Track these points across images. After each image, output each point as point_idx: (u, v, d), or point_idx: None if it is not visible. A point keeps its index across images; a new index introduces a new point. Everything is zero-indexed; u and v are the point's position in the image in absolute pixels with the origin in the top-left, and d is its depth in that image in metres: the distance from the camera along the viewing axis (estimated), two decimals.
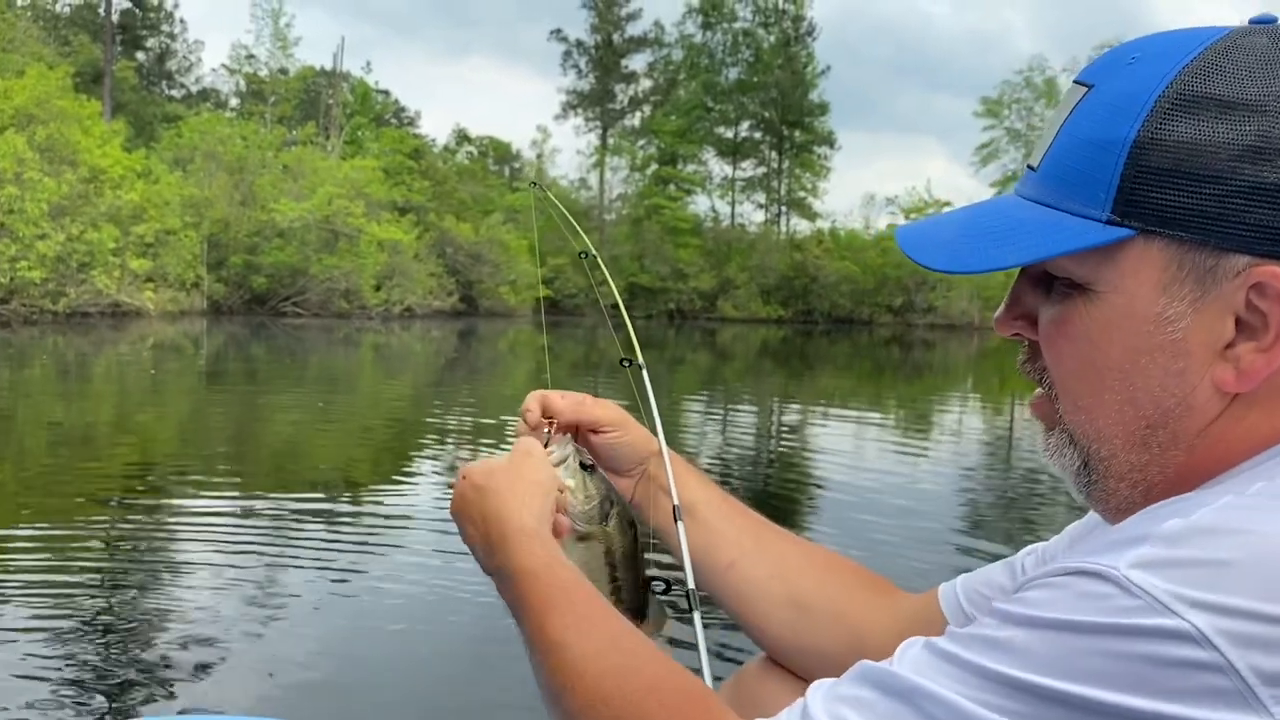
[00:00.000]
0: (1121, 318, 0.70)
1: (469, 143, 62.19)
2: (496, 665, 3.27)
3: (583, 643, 0.82)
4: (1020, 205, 0.74)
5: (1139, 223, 0.67)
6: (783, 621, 1.13)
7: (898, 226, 0.84)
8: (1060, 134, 0.72)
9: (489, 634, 3.55)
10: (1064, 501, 6.92)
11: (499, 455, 1.06)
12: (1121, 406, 0.71)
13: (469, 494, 1.00)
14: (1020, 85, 57.99)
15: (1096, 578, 0.59)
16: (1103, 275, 0.69)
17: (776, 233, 59.18)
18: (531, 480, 1.01)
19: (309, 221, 35.35)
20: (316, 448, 8.07)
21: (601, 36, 59.67)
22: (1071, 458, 0.76)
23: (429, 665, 3.34)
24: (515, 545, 0.92)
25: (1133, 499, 0.74)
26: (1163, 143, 0.66)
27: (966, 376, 21.71)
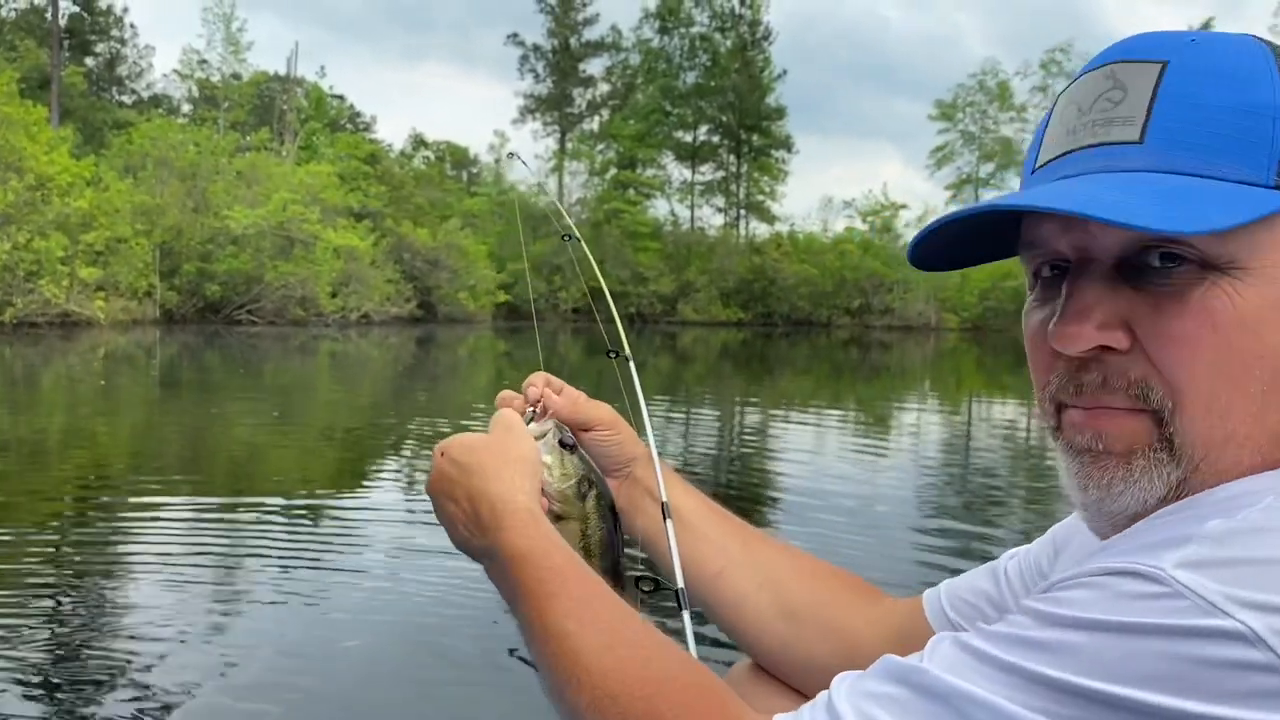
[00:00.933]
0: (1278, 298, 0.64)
1: (426, 147, 61.91)
2: (455, 667, 3.25)
3: (585, 633, 0.78)
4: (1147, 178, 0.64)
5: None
6: (774, 632, 1.11)
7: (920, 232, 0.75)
8: (1161, 105, 0.66)
9: (445, 637, 3.51)
10: (1019, 498, 6.98)
11: (475, 431, 1.01)
12: (1265, 397, 0.64)
13: (450, 471, 0.96)
14: (974, 89, 58.91)
15: (1141, 578, 0.57)
16: (1258, 249, 0.63)
17: (736, 236, 59.49)
18: (518, 456, 0.97)
19: (263, 228, 34.94)
20: (271, 457, 7.95)
21: (559, 41, 59.66)
22: (1167, 478, 0.67)
23: (387, 670, 3.29)
24: (508, 526, 0.88)
25: None
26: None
27: (924, 377, 21.92)
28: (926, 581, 3.67)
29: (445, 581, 4.30)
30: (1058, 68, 57.02)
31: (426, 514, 5.64)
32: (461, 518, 0.93)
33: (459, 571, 4.48)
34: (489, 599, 4.15)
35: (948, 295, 52.71)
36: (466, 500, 0.92)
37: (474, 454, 0.95)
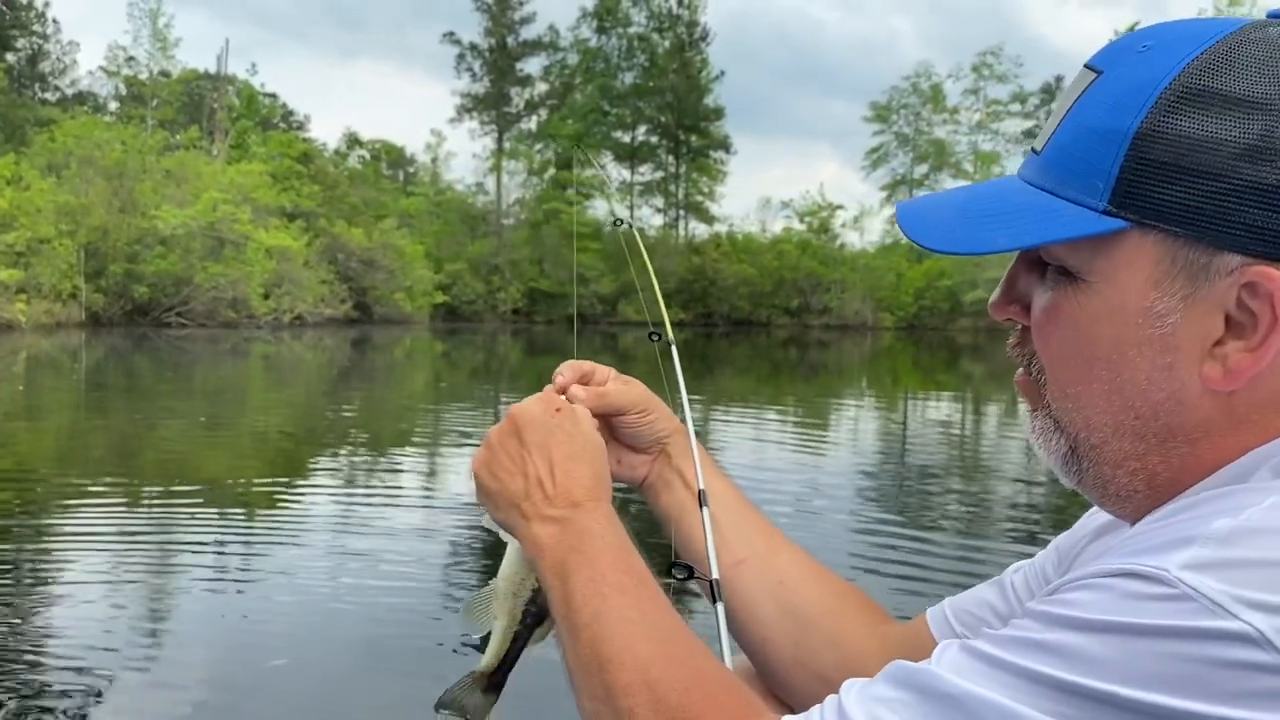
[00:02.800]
0: (1111, 309, 0.69)
1: (361, 146, 61.00)
2: (387, 674, 3.16)
3: (644, 624, 0.81)
4: (1021, 189, 0.73)
5: (1135, 215, 0.66)
6: (784, 632, 1.09)
7: (900, 202, 0.80)
8: (1066, 120, 0.71)
9: (379, 642, 3.41)
10: (956, 491, 7.05)
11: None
12: (1109, 396, 0.71)
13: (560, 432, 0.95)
14: (908, 91, 59.75)
15: (1146, 579, 0.57)
16: (1096, 265, 0.69)
17: (675, 236, 59.61)
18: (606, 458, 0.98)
19: (193, 228, 34.17)
20: (198, 463, 7.72)
21: (495, 40, 59.21)
22: (1058, 442, 0.76)
23: (320, 674, 3.18)
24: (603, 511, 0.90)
25: (1134, 487, 0.73)
26: (1164, 136, 0.65)
27: (861, 376, 22.16)
28: (868, 570, 3.62)
29: (377, 584, 4.19)
30: (988, 70, 58.17)
31: (356, 517, 5.53)
32: (545, 477, 0.92)
33: (391, 574, 4.37)
34: (419, 600, 4.05)
35: (884, 295, 53.42)
36: (563, 471, 0.92)
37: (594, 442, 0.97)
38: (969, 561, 5.07)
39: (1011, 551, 5.27)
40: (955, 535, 5.69)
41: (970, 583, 3.62)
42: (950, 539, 5.57)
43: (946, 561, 5.05)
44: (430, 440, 9.58)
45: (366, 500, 6.39)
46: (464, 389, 15.84)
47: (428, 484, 7.17)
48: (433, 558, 4.86)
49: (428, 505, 6.32)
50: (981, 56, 58.67)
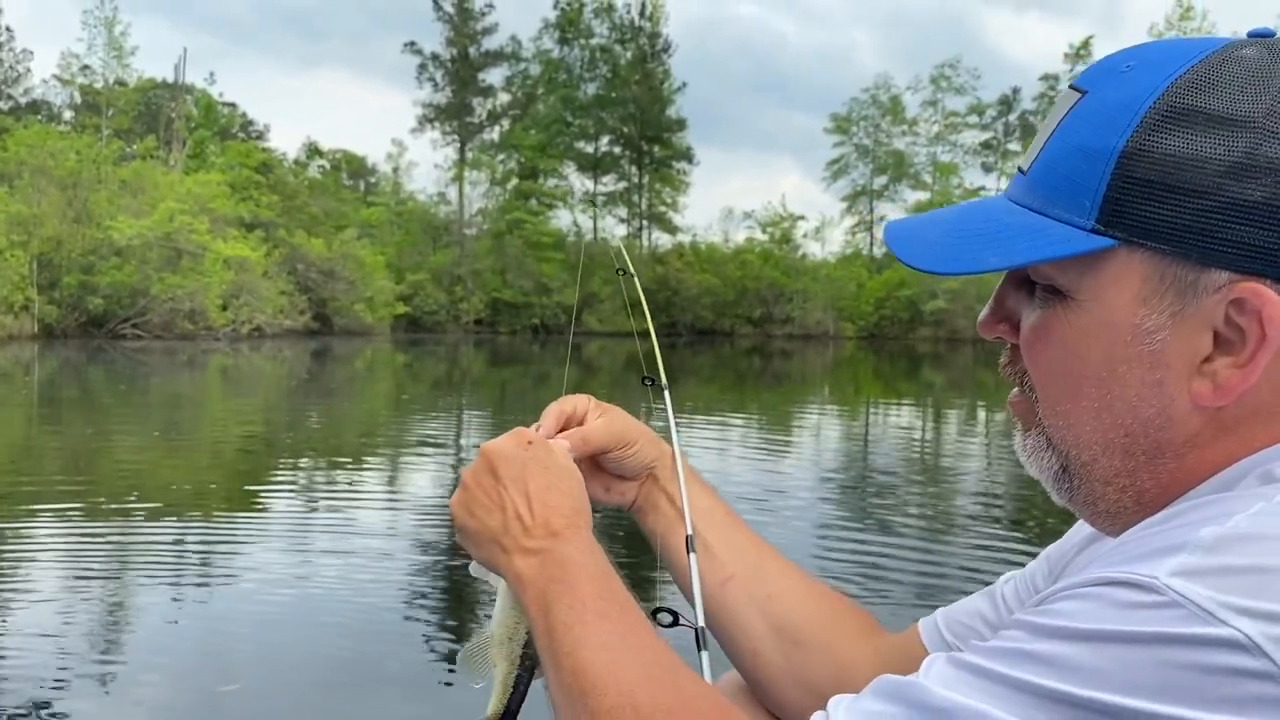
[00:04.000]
0: (1100, 326, 0.69)
1: (321, 156, 60.49)
2: (347, 694, 3.12)
3: (626, 651, 0.81)
4: (1008, 209, 0.74)
5: (1122, 233, 0.67)
6: (776, 647, 1.09)
7: (888, 223, 0.80)
8: (1052, 139, 0.72)
9: (339, 660, 3.37)
10: (919, 497, 7.11)
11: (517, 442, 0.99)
12: (1099, 414, 0.71)
13: (534, 465, 0.95)
14: (867, 103, 60.38)
15: (1135, 587, 0.58)
16: (1084, 283, 0.69)
17: (639, 246, 59.68)
18: (589, 508, 0.98)
19: (149, 239, 33.70)
20: (156, 477, 7.59)
21: (457, 50, 59.03)
22: (1050, 460, 0.76)
23: (277, 697, 3.13)
24: (574, 539, 0.89)
25: (1123, 504, 0.73)
26: (1150, 155, 0.66)
27: (824, 385, 22.29)
28: (833, 576, 3.64)
29: (337, 600, 4.14)
30: (946, 82, 58.98)
31: (316, 532, 5.46)
32: (523, 511, 0.92)
33: (351, 591, 4.32)
34: (381, 618, 4.01)
35: (845, 305, 53.86)
36: (540, 503, 0.92)
37: (565, 471, 0.97)
38: (933, 564, 5.11)
39: (975, 555, 5.32)
40: (919, 540, 5.73)
41: (933, 586, 3.68)
42: (914, 544, 5.61)
43: (910, 564, 5.08)
44: (392, 453, 9.50)
45: (327, 515, 6.32)
46: (426, 400, 15.73)
47: (390, 498, 7.11)
48: (395, 573, 4.81)
49: (390, 520, 6.26)
50: (940, 69, 59.53)
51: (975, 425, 13.67)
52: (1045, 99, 56.51)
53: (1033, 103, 57.55)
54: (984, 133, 59.38)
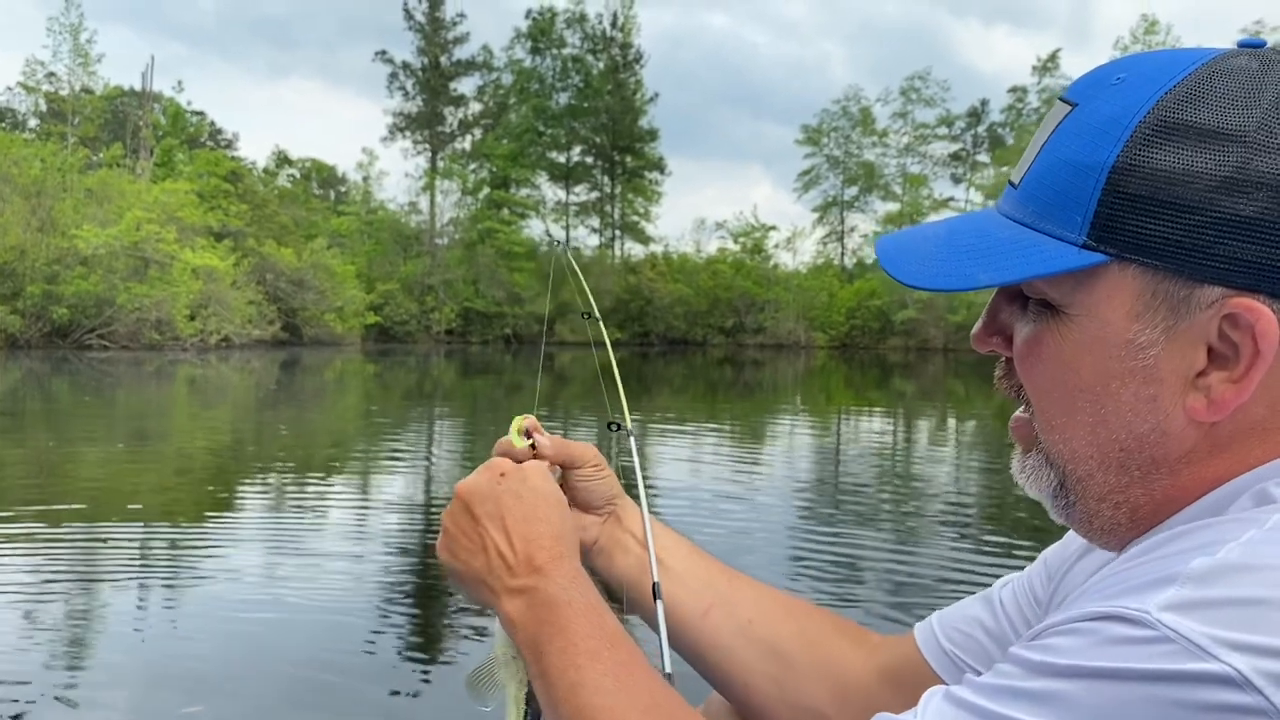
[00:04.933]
0: (1093, 342, 0.69)
1: (290, 165, 60.16)
2: (320, 700, 3.06)
3: (622, 692, 0.81)
4: (999, 223, 0.73)
5: (1114, 249, 0.66)
6: (765, 673, 1.07)
7: (879, 236, 0.80)
8: (1042, 153, 0.71)
9: (306, 677, 3.32)
10: (889, 500, 7.13)
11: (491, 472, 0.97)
12: (1094, 428, 0.70)
13: (508, 498, 0.94)
14: (838, 114, 60.84)
15: (1127, 622, 0.57)
16: (1076, 299, 0.69)
17: (611, 256, 59.73)
18: (573, 528, 0.97)
19: (115, 248, 33.29)
20: (121, 489, 7.47)
21: (429, 59, 58.90)
22: (1049, 478, 0.75)
23: (252, 704, 3.08)
24: (559, 572, 0.88)
25: (1117, 520, 0.73)
26: (1141, 170, 0.65)
27: (795, 394, 22.36)
28: (804, 577, 3.62)
29: (306, 616, 4.08)
30: (916, 94, 59.53)
31: (285, 546, 5.39)
32: (505, 548, 0.91)
33: (320, 606, 4.27)
34: (350, 634, 3.95)
35: (816, 314, 54.14)
36: (521, 538, 0.91)
37: (541, 498, 0.95)
38: (905, 566, 5.12)
39: (946, 557, 5.34)
40: (891, 544, 5.74)
41: (907, 587, 3.66)
42: (886, 547, 5.62)
43: (881, 567, 5.09)
44: (361, 465, 9.42)
45: (296, 528, 6.24)
46: (396, 412, 15.62)
47: (359, 511, 7.04)
48: (365, 587, 4.76)
49: (359, 534, 6.19)
50: (909, 81, 60.10)
51: (946, 432, 13.76)
52: (1013, 111, 57.24)
53: (1001, 114, 58.34)
54: (953, 144, 60.03)
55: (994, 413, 16.52)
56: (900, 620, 4.24)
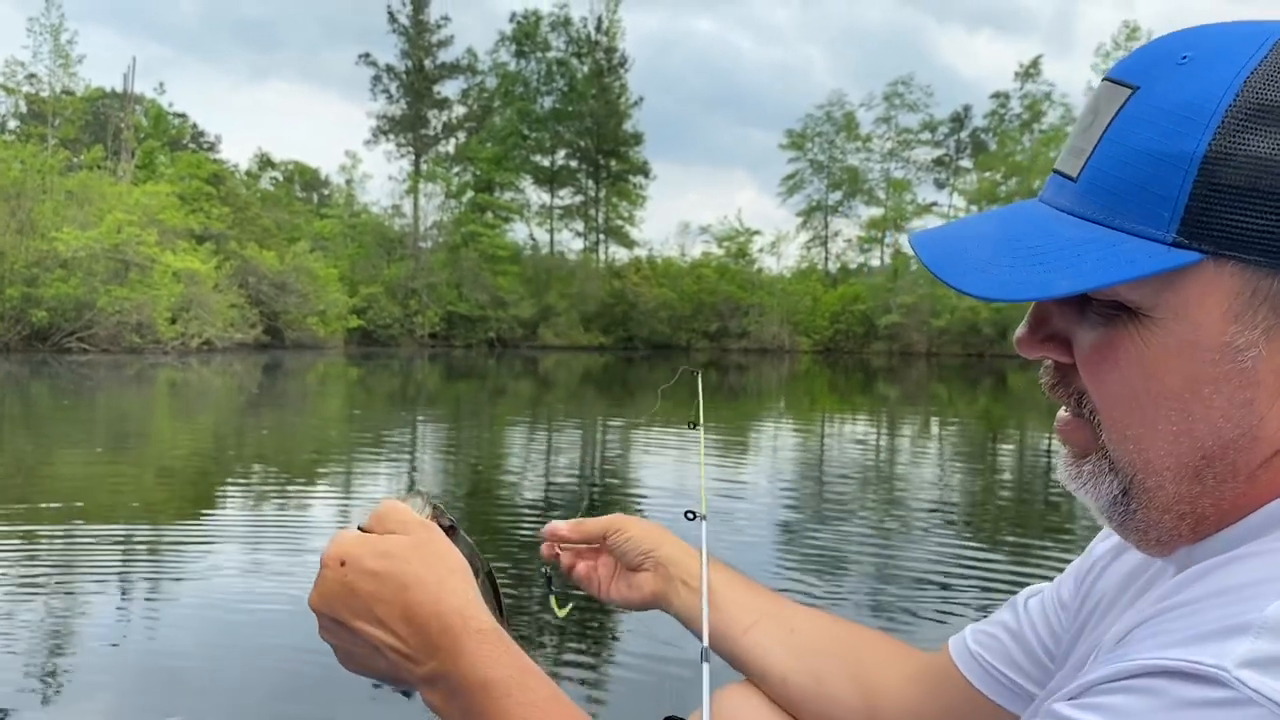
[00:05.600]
0: (1183, 346, 0.63)
1: (273, 168, 59.95)
2: (301, 710, 3.02)
3: None
4: (1061, 220, 0.67)
5: (1209, 245, 0.61)
6: (802, 685, 1.13)
7: (913, 234, 0.73)
8: (1104, 141, 0.65)
9: (287, 685, 3.29)
10: (871, 508, 7.14)
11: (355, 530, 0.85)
12: (1177, 438, 0.65)
13: (364, 585, 0.80)
14: (822, 119, 61.05)
15: (1202, 681, 0.51)
16: (1163, 301, 0.63)
17: (595, 260, 59.74)
18: (457, 563, 0.83)
19: (96, 251, 33.04)
20: (101, 493, 7.39)
21: (412, 62, 58.78)
22: (1110, 486, 0.69)
23: (231, 713, 3.05)
24: (474, 650, 0.77)
25: (1179, 531, 0.68)
26: (1236, 158, 0.59)
27: (779, 398, 22.40)
28: (792, 572, 3.59)
29: (289, 621, 4.05)
30: (900, 99, 59.81)
31: (266, 551, 5.33)
32: (392, 641, 0.79)
33: (302, 611, 4.23)
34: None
35: (800, 319, 54.28)
36: (402, 621, 0.78)
37: (398, 562, 0.80)
38: (891, 564, 5.12)
39: (930, 558, 5.34)
40: (877, 545, 5.75)
41: (892, 594, 3.63)
42: (872, 548, 5.62)
43: (868, 566, 5.09)
44: (343, 470, 9.36)
45: (277, 533, 6.20)
46: (379, 416, 15.55)
47: (341, 516, 6.99)
48: None
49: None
50: (893, 86, 60.37)
51: (929, 437, 13.80)
52: (996, 116, 57.57)
53: (984, 120, 58.58)
54: (936, 149, 60.33)
55: (977, 416, 16.58)
56: (890, 615, 4.24)
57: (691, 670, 1.15)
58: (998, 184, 54.63)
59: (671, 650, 3.54)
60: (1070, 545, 5.99)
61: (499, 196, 57.71)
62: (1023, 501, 8.01)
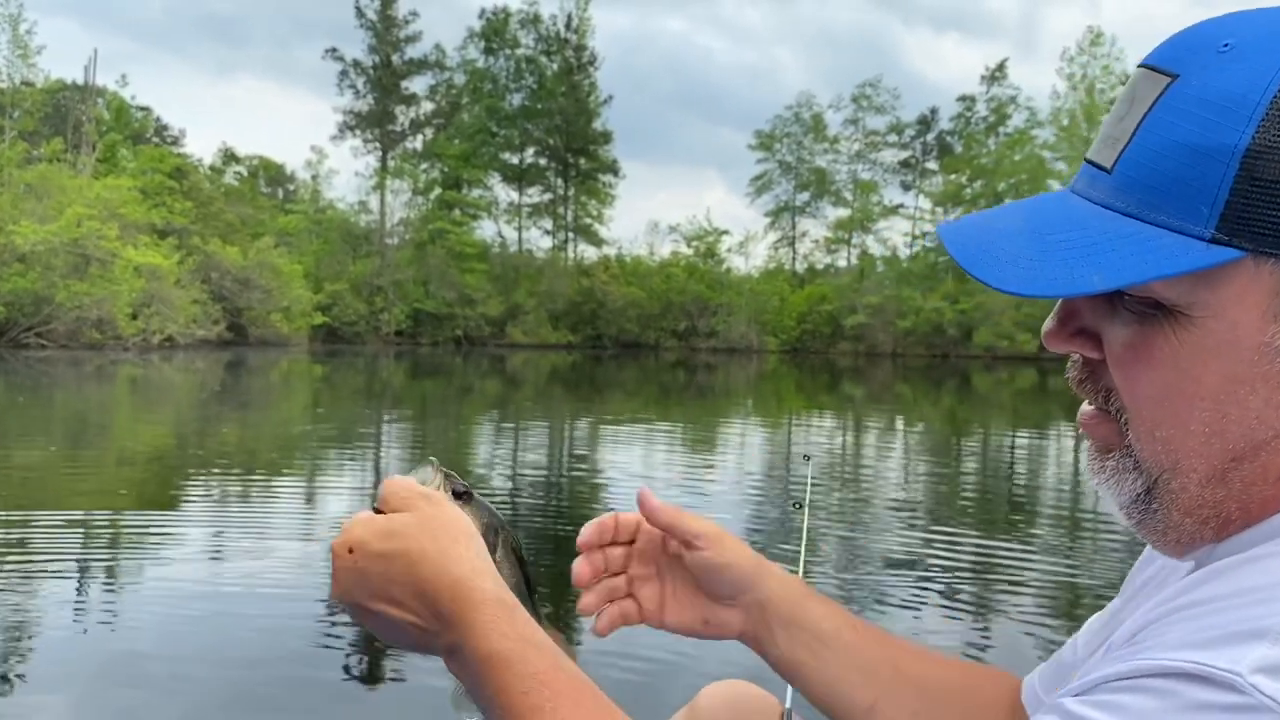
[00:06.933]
0: (1221, 345, 0.61)
1: (237, 162, 59.24)
2: (265, 705, 2.98)
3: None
4: (1096, 213, 0.64)
5: (1250, 243, 0.58)
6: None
7: (939, 226, 0.70)
8: (1141, 132, 0.62)
9: (247, 685, 3.24)
10: (841, 510, 7.17)
11: (366, 512, 0.84)
12: (1209, 438, 0.63)
13: (374, 568, 0.78)
14: (790, 120, 61.32)
15: (1215, 685, 0.51)
16: (1199, 299, 0.61)
17: (564, 259, 59.65)
18: (460, 530, 0.80)
19: (55, 245, 32.50)
20: (58, 492, 7.27)
21: (380, 57, 58.34)
22: (1134, 484, 0.68)
23: (193, 709, 3.00)
24: (478, 621, 0.75)
25: (1200, 535, 0.66)
26: (1279, 152, 0.57)
27: (748, 398, 22.47)
28: None
29: (249, 619, 4.00)
30: (867, 102, 60.20)
31: (227, 550, 5.26)
32: (411, 618, 0.79)
33: (263, 610, 4.19)
34: (293, 637, 3.87)
35: (768, 319, 54.50)
36: (415, 598, 0.77)
37: (403, 540, 0.79)
38: (862, 571, 5.14)
39: (900, 552, 5.37)
40: (845, 541, 5.77)
41: (862, 580, 3.61)
42: (840, 545, 5.65)
43: (837, 564, 5.11)
44: (307, 467, 9.27)
45: (239, 533, 6.12)
46: (344, 414, 15.42)
47: (304, 515, 6.92)
48: (310, 589, 4.67)
49: (303, 535, 6.08)
50: (861, 88, 60.75)
51: (893, 436, 13.90)
52: (962, 119, 58.11)
53: (950, 123, 59.10)
54: (903, 151, 60.77)
55: (941, 417, 16.72)
56: None
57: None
58: (963, 186, 55.15)
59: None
60: (1030, 542, 6.04)
61: (467, 194, 57.44)
62: (986, 495, 8.09)
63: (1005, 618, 4.52)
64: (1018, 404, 21.20)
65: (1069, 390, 0.69)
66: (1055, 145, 52.65)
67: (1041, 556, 5.72)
